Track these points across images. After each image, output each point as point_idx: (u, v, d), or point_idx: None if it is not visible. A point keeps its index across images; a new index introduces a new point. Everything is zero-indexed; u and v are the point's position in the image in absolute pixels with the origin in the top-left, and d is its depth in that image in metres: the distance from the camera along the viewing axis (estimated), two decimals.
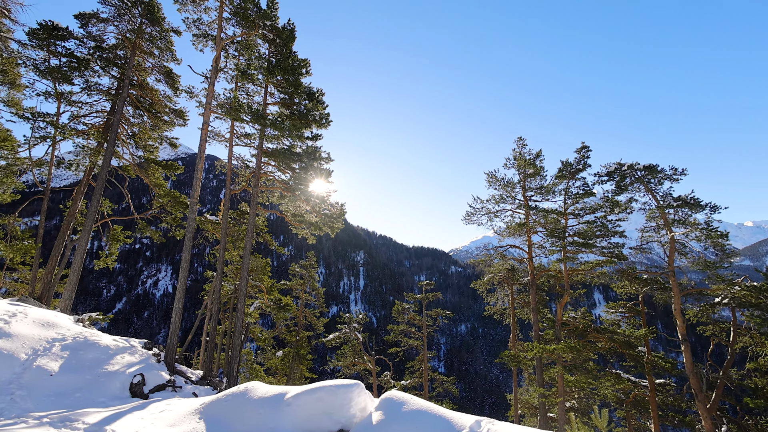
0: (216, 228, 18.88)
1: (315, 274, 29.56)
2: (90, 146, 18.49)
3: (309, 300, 29.54)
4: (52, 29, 16.13)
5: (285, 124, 13.07)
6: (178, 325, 12.45)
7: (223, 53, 15.14)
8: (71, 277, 15.51)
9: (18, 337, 8.85)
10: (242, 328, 14.53)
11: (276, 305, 18.90)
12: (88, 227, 15.90)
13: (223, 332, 21.56)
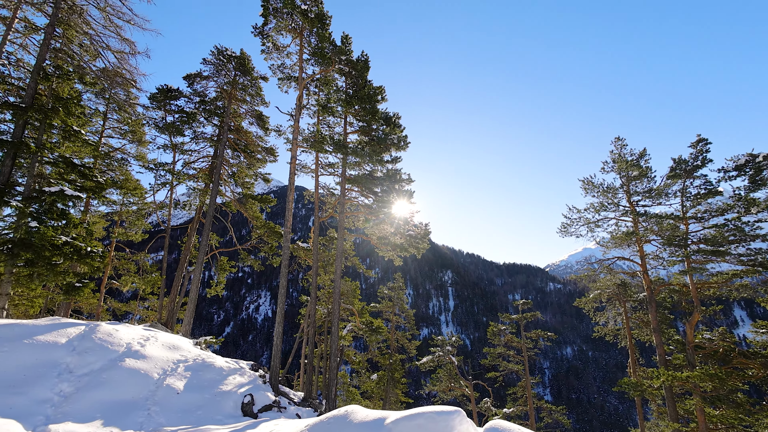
0: (308, 254, 20.30)
1: (403, 296, 29.85)
2: (199, 188, 21.47)
3: (399, 322, 29.81)
4: (167, 92, 19.42)
5: (365, 151, 13.80)
6: (279, 348, 13.50)
7: (305, 91, 16.66)
8: (189, 305, 17.87)
9: (151, 359, 10.35)
10: (337, 350, 15.20)
11: (368, 328, 19.44)
12: (200, 259, 18.30)
13: (320, 355, 22.74)
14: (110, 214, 23.91)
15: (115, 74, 16.33)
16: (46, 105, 12.61)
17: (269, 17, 14.53)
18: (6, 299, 11.99)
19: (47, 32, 13.58)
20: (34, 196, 12.10)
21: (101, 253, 13.25)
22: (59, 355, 8.27)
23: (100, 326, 10.08)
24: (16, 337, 8.12)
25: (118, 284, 22.51)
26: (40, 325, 9.07)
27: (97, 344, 9.22)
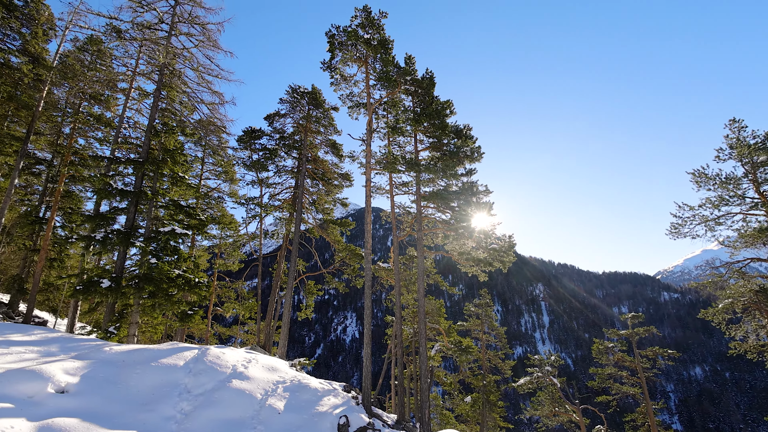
0: (389, 274, 20.59)
1: (492, 313, 28.59)
2: (284, 217, 23.18)
3: (490, 341, 28.51)
4: (251, 133, 21.57)
5: (437, 166, 13.81)
6: (369, 370, 13.72)
7: (374, 115, 17.34)
8: (283, 328, 19.09)
9: (254, 380, 11.15)
10: (427, 371, 14.98)
11: (457, 347, 18.91)
12: (290, 284, 19.56)
13: (410, 376, 22.60)
14: (211, 247, 26.94)
15: (209, 123, 18.66)
16: (158, 157, 14.79)
17: (335, 51, 15.54)
18: (136, 327, 14.00)
19: (155, 96, 16.08)
20: (152, 237, 14.12)
21: (207, 283, 14.90)
22: (178, 376, 9.32)
23: (210, 350, 11.19)
24: (145, 361, 9.36)
25: (221, 310, 25.03)
26: (162, 349, 10.37)
27: (208, 366, 10.23)
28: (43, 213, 21.15)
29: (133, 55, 17.16)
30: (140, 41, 15.70)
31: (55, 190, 19.44)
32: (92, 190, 20.04)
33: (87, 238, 13.76)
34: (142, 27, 15.42)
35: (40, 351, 8.59)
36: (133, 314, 13.73)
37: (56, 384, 7.03)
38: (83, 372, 7.93)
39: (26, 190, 24.33)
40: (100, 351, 9.20)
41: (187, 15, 16.32)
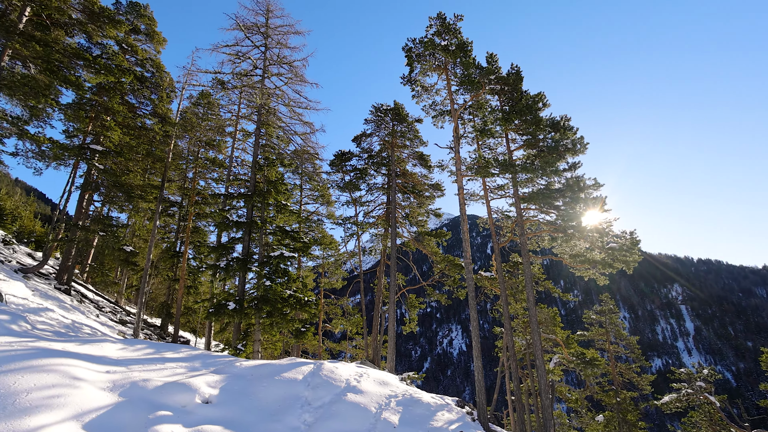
0: (492, 283, 19.82)
1: (618, 320, 25.56)
2: (379, 233, 23.92)
3: (619, 352, 25.45)
4: (341, 156, 22.87)
5: (534, 165, 12.98)
6: (482, 384, 13.24)
7: (459, 121, 17.11)
8: (390, 342, 19.50)
9: (367, 394, 11.49)
10: (547, 386, 13.92)
11: (579, 360, 17.28)
12: (392, 299, 19.97)
13: (527, 391, 21.24)
14: (316, 267, 28.99)
15: (303, 152, 20.32)
16: (263, 189, 16.50)
17: (414, 64, 15.79)
18: (259, 344, 15.58)
19: (256, 134, 18.07)
20: (264, 261, 15.71)
21: (315, 301, 16.01)
22: (299, 389, 10.08)
23: (324, 364, 11.92)
24: (269, 375, 10.32)
25: (330, 327, 26.61)
26: (283, 364, 11.34)
27: (324, 380, 10.88)
28: (179, 248, 25.04)
29: (235, 102, 19.65)
30: (240, 88, 17.90)
31: (186, 227, 22.96)
32: (214, 224, 23.22)
33: (213, 267, 15.84)
34: (241, 75, 17.57)
35: (187, 366, 9.98)
36: (255, 332, 15.32)
37: (201, 395, 8.09)
38: (221, 385, 9.01)
39: (165, 230, 29.13)
40: (232, 366, 10.40)
41: (275, 57, 18.16)
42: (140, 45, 21.80)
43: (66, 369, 6.92)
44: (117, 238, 20.51)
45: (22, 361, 6.72)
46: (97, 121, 19.95)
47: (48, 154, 21.49)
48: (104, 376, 7.50)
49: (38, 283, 17.17)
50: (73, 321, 14.32)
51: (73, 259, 20.09)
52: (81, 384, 6.64)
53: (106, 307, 22.24)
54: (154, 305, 32.81)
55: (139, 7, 21.35)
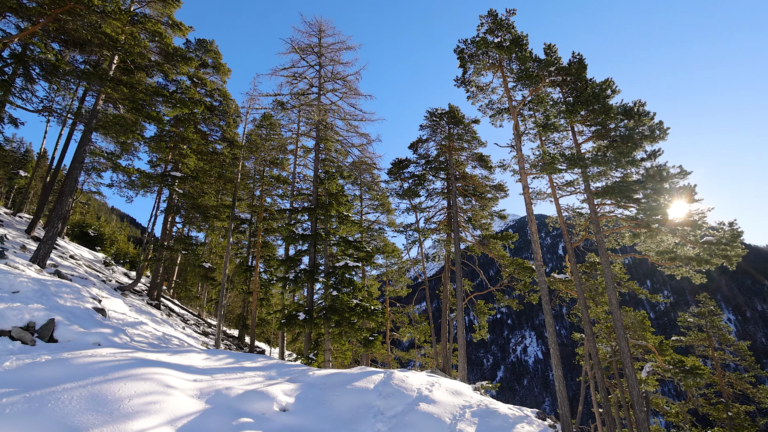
0: (567, 286, 18.72)
1: (721, 323, 22.77)
2: (442, 239, 23.67)
3: (725, 359, 22.65)
4: (399, 163, 23.08)
5: (607, 157, 12.10)
6: (564, 395, 12.49)
7: (519, 118, 16.52)
8: (460, 350, 19.12)
9: (440, 404, 11.34)
10: (641, 398, 12.77)
11: (677, 369, 15.68)
12: (459, 305, 19.62)
13: (617, 403, 19.66)
14: (379, 275, 29.38)
15: (361, 163, 20.83)
16: (325, 202, 17.15)
17: (467, 65, 15.58)
18: (329, 353, 16.10)
19: (315, 150, 18.89)
20: (330, 272, 16.27)
21: (381, 310, 16.22)
22: (371, 398, 10.23)
23: (394, 373, 11.99)
24: (341, 383, 10.61)
25: (397, 335, 26.74)
26: (354, 373, 11.60)
27: (395, 389, 10.94)
28: (250, 262, 26.76)
29: (294, 120, 20.75)
30: (298, 107, 18.87)
31: (256, 243, 24.52)
32: (281, 238, 24.52)
33: (283, 279, 16.72)
34: (298, 95, 18.54)
35: (264, 375, 10.58)
36: (325, 342, 15.86)
37: (279, 403, 8.51)
38: (296, 393, 9.42)
39: (237, 246, 31.34)
40: (305, 375, 10.84)
41: (330, 74, 18.92)
42: (208, 77, 23.91)
43: (160, 377, 7.67)
44: (197, 255, 22.44)
45: (124, 370, 7.56)
46: (176, 150, 22.13)
47: (137, 183, 24.22)
48: (192, 384, 8.18)
49: (133, 299, 19.28)
50: (164, 333, 15.84)
51: (160, 277, 22.32)
52: (173, 391, 7.32)
53: (190, 320, 24.37)
54: (231, 317, 35.30)
55: (206, 43, 23.46)
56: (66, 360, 7.70)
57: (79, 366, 7.51)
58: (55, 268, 15.58)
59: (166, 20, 18.47)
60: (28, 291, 10.27)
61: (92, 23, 14.50)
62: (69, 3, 13.40)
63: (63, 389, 6.31)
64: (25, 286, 10.45)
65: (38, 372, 7.02)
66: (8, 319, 8.66)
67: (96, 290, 15.39)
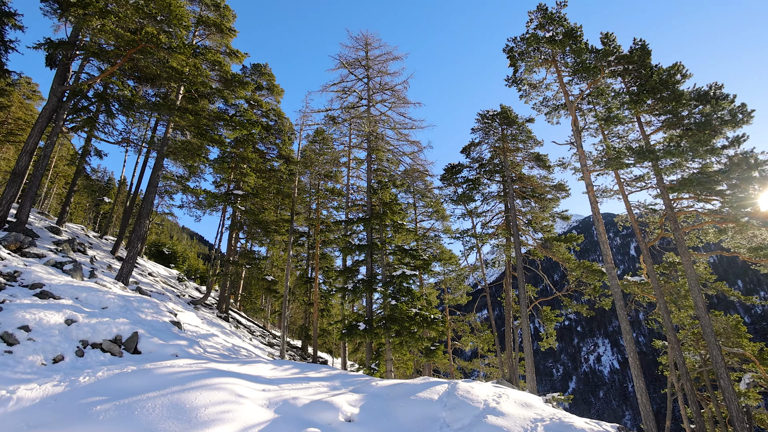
0: (644, 289, 17.42)
1: None
2: (501, 243, 23.06)
3: None
4: (451, 168, 22.91)
5: (681, 147, 11.18)
6: (648, 408, 11.62)
7: (577, 113, 15.81)
8: (527, 360, 18.41)
9: (509, 416, 10.95)
10: (740, 413, 11.51)
11: None
12: (524, 312, 18.95)
13: (711, 418, 17.83)
14: (437, 283, 29.12)
15: (413, 171, 20.96)
16: (379, 212, 17.44)
17: (517, 63, 15.25)
18: (391, 363, 16.22)
19: (367, 161, 19.31)
20: (388, 281, 16.46)
21: (441, 319, 16.10)
22: (435, 410, 10.16)
23: (459, 384, 11.83)
24: (404, 394, 10.65)
25: (459, 344, 26.29)
26: (417, 383, 11.59)
27: (460, 401, 10.77)
28: (310, 274, 27.75)
29: (346, 133, 21.40)
30: (349, 120, 19.47)
31: (315, 255, 25.42)
32: (339, 249, 25.23)
33: (342, 290, 17.17)
34: (348, 108, 19.15)
35: (328, 385, 10.90)
36: (386, 352, 16.01)
37: (344, 414, 8.74)
38: (360, 404, 9.60)
39: (297, 258, 32.64)
40: (368, 385, 11.01)
41: (378, 85, 19.35)
42: (264, 98, 25.42)
43: (231, 387, 8.19)
44: (260, 269, 23.70)
45: (199, 380, 8.16)
46: (237, 169, 23.67)
47: (204, 203, 26.20)
48: (261, 394, 8.64)
49: (204, 312, 20.73)
50: (233, 344, 16.85)
51: (228, 291, 23.84)
52: (243, 401, 7.79)
53: (256, 331, 25.70)
54: (294, 328, 36.71)
55: (260, 67, 25.02)
56: (149, 370, 8.49)
57: (160, 376, 8.24)
58: (137, 285, 17.22)
59: (224, 50, 20.00)
60: (114, 307, 11.46)
61: (161, 59, 16.05)
62: (141, 43, 14.96)
63: (147, 398, 6.97)
64: (112, 302, 11.67)
65: (126, 382, 7.81)
66: (99, 333, 9.72)
67: (172, 305, 16.78)
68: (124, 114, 19.25)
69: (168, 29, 15.36)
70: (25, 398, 6.62)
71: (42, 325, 8.93)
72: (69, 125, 17.96)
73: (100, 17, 13.72)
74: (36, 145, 15.23)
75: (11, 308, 9.01)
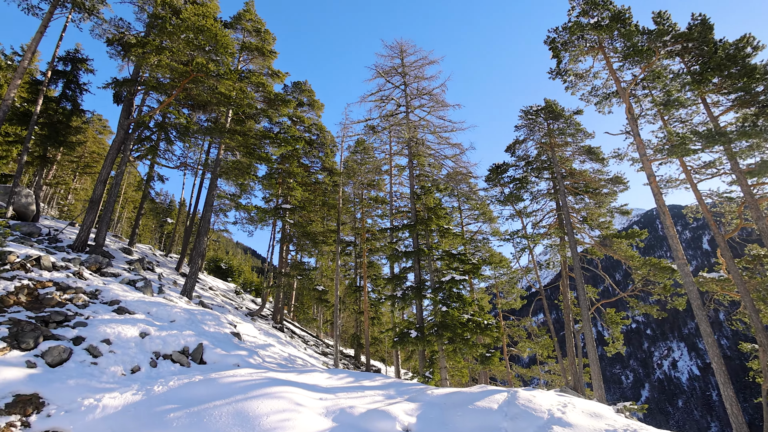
0: (724, 286, 15.79)
1: None
2: (555, 243, 21.96)
3: None
4: (496, 169, 22.24)
5: (758, 126, 10.00)
6: (740, 420, 10.43)
7: (632, 99, 14.76)
8: (593, 366, 17.27)
9: (577, 427, 10.23)
10: None
11: None
12: (585, 315, 17.82)
13: None
14: (489, 287, 28.24)
15: (456, 174, 20.56)
16: (423, 217, 17.23)
17: (561, 54, 14.54)
18: (445, 371, 15.82)
19: (409, 167, 19.20)
20: (437, 287, 16.14)
21: (496, 324, 15.52)
22: (495, 419, 9.71)
23: (519, 392, 11.26)
24: (462, 403, 10.29)
25: (516, 351, 25.23)
26: (474, 392, 11.18)
27: (522, 410, 10.23)
28: (359, 282, 27.96)
29: (386, 141, 21.44)
30: (388, 128, 19.51)
31: (362, 263, 25.58)
32: (385, 257, 25.23)
33: (391, 297, 17.07)
34: (387, 117, 19.20)
35: (383, 394, 10.78)
36: (440, 359, 15.67)
37: (401, 423, 8.57)
38: (417, 413, 9.38)
39: (345, 267, 33.05)
40: (424, 394, 10.77)
41: (415, 91, 19.27)
42: (305, 114, 26.19)
43: (290, 396, 8.33)
44: (310, 279, 24.22)
45: (260, 389, 8.39)
46: (284, 184, 24.47)
47: (255, 218, 27.28)
48: (319, 403, 8.71)
49: (261, 323, 21.44)
50: (289, 354, 17.24)
51: (281, 302, 24.54)
52: (302, 409, 7.87)
53: (309, 341, 26.20)
54: (345, 337, 37.10)
55: (300, 84, 25.87)
56: (214, 380, 8.86)
57: (224, 385, 8.58)
58: (199, 298, 18.16)
59: (266, 71, 20.86)
60: (181, 320, 12.11)
61: (210, 86, 17.02)
62: (192, 73, 15.93)
63: (214, 406, 7.28)
64: (178, 315, 12.35)
65: (194, 390, 8.21)
66: (169, 345, 10.31)
67: (231, 317, 17.51)
68: (181, 140, 20.61)
69: (215, 58, 16.26)
70: (109, 406, 7.21)
71: (120, 338, 9.66)
72: (135, 154, 19.50)
73: (156, 54, 14.81)
74: (108, 175, 16.63)
75: (94, 323, 9.81)
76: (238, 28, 20.68)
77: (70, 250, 14.75)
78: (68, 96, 21.88)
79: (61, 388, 7.42)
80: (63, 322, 9.25)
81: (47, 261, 11.51)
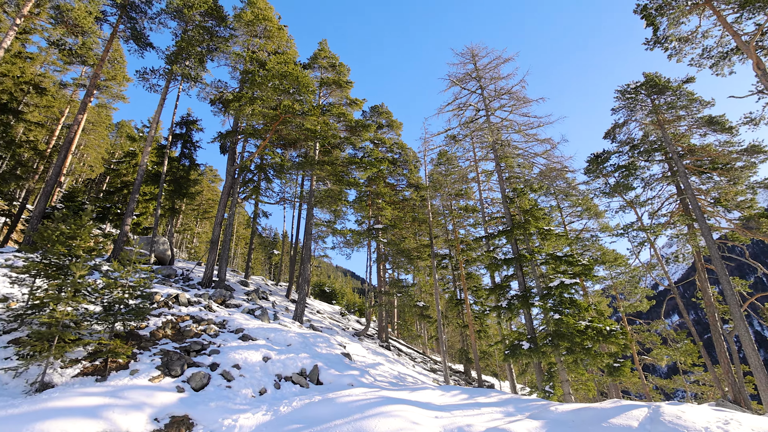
0: None
1: None
2: (680, 232, 19.18)
3: None
4: (596, 158, 20.32)
5: None
6: None
7: (759, 52, 12.46)
8: (757, 374, 14.42)
9: None
10: None
11: None
12: (736, 314, 15.10)
13: None
14: (605, 289, 25.50)
15: (549, 171, 19.20)
16: (520, 221, 16.33)
17: (656, 20, 12.94)
18: (567, 385, 14.51)
19: (497, 170, 18.46)
20: (545, 294, 15.02)
21: (620, 330, 13.87)
22: None
23: (662, 407, 9.87)
24: (593, 420, 9.29)
25: (651, 359, 22.20)
26: (606, 408, 10.04)
27: (669, 428, 8.93)
28: (459, 295, 27.31)
29: (469, 149, 20.98)
30: (470, 135, 19.08)
31: (460, 275, 24.99)
32: (484, 266, 24.35)
33: (496, 308, 16.31)
34: (467, 124, 18.82)
35: (502, 411, 10.22)
36: (560, 372, 14.45)
37: None
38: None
39: (443, 281, 32.60)
40: (547, 411, 9.97)
41: (493, 92, 18.65)
42: (386, 135, 26.94)
43: (406, 414, 8.31)
44: (410, 296, 24.32)
45: (375, 408, 8.53)
46: (373, 206, 25.24)
47: (351, 241, 28.43)
48: (435, 421, 8.55)
49: (368, 342, 21.99)
50: (398, 372, 17.35)
51: (385, 320, 24.97)
52: (418, 428, 7.79)
53: (417, 358, 26.12)
54: (452, 352, 36.27)
55: (378, 107, 26.78)
56: (332, 399, 9.26)
57: (341, 404, 8.92)
58: (309, 322, 19.30)
59: (345, 101, 22.01)
60: (296, 343, 12.96)
61: (297, 124, 18.47)
62: (281, 116, 17.47)
63: (335, 425, 7.58)
64: (293, 339, 13.24)
65: (315, 410, 8.67)
66: (289, 368, 11.08)
67: (339, 338, 18.26)
68: (278, 177, 22.54)
69: (299, 98, 17.66)
70: (245, 426, 8.01)
71: (247, 363, 10.70)
72: (241, 196, 21.81)
73: (250, 104, 16.60)
74: (222, 217, 18.82)
75: (225, 350, 11.02)
76: (315, 66, 22.23)
77: (200, 287, 16.84)
78: (186, 154, 25.44)
79: (205, 410, 8.39)
80: (200, 351, 10.50)
81: (183, 298, 13.27)
